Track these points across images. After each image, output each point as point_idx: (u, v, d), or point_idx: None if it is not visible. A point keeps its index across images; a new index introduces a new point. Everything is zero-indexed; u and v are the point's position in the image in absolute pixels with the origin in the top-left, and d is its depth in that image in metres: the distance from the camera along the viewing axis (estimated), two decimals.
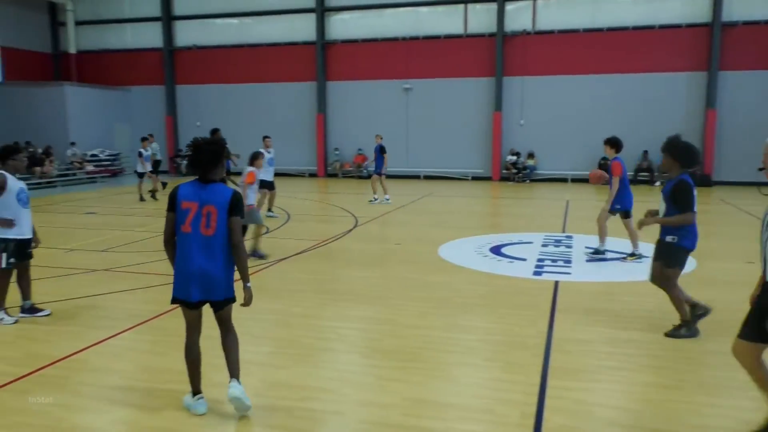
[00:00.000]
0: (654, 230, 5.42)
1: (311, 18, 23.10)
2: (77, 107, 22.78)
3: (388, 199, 14.51)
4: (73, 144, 21.76)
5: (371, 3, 22.60)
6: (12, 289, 5.68)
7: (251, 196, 8.06)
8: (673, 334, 5.19)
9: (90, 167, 22.06)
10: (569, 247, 9.16)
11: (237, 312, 3.82)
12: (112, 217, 12.84)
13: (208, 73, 24.52)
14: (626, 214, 8.09)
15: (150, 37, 25.02)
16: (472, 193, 18.17)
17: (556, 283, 6.98)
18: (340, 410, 3.86)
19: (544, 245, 9.25)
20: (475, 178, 22.01)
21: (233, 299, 3.73)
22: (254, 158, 8.36)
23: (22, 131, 21.37)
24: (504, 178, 21.58)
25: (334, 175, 23.40)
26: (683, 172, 5.20)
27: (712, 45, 19.39)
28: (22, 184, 5.61)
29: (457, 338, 5.22)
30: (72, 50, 25.43)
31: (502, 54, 21.26)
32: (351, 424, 3.72)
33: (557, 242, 9.52)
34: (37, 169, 17.98)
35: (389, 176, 22.77)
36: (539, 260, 8.16)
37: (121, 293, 6.65)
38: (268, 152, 11.82)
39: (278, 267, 7.89)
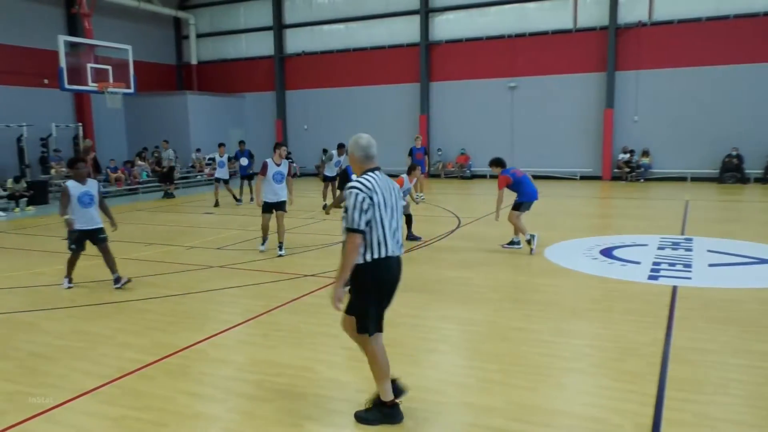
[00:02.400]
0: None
1: (415, 20, 23.24)
2: (197, 114, 24.39)
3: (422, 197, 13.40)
4: (198, 150, 23.29)
5: (475, 2, 22.36)
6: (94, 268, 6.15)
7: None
8: None
9: (208, 170, 23.54)
10: (689, 250, 8.54)
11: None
12: (227, 217, 13.61)
13: (316, 78, 25.37)
14: (527, 207, 8.83)
15: (263, 45, 26.31)
16: (581, 193, 17.45)
17: (675, 288, 6.54)
18: (442, 411, 3.85)
19: (660, 248, 8.69)
20: (584, 178, 21.13)
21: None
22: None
23: (151, 136, 23.26)
24: (616, 178, 20.54)
25: (437, 176, 23.38)
26: None
27: None
28: (85, 188, 6.92)
29: (565, 343, 5.04)
30: (193, 61, 27.28)
31: (614, 48, 20.25)
32: (453, 426, 3.70)
33: (675, 245, 8.91)
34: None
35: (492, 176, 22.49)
36: (655, 264, 7.68)
37: (234, 289, 7.03)
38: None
39: None
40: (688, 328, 5.28)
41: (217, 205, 15.40)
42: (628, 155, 20.30)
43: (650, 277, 7.02)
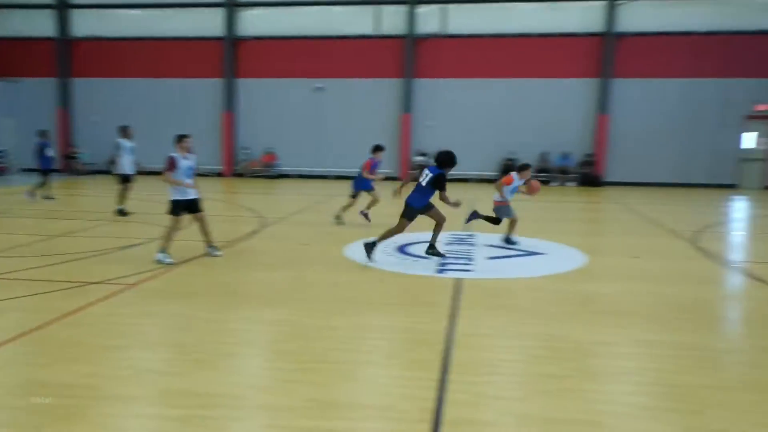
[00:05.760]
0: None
1: (220, 12, 22.50)
2: None
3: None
4: None
5: (283, 0, 22.33)
6: None
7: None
8: None
9: None
10: (472, 245, 9.46)
11: (133, 318, 3.64)
12: None
13: (108, 66, 23.30)
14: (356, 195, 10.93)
15: (44, 25, 23.40)
16: (382, 193, 18.30)
17: (459, 280, 7.19)
18: (241, 416, 3.78)
19: (448, 243, 9.50)
20: (387, 179, 22.23)
21: None
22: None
23: None
24: (414, 179, 21.94)
25: (241, 175, 22.90)
26: None
27: (606, 53, 20.69)
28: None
29: (362, 337, 5.26)
30: None
31: (412, 56, 21.64)
32: (253, 429, 3.65)
33: (460, 240, 9.81)
34: None
35: (302, 176, 22.67)
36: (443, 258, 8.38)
37: (2, 302, 6.16)
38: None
39: (183, 269, 7.61)
40: (469, 316, 5.83)
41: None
42: (422, 157, 21.82)
43: (438, 271, 7.63)
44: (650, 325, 5.72)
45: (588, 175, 20.91)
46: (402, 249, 9.03)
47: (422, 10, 21.68)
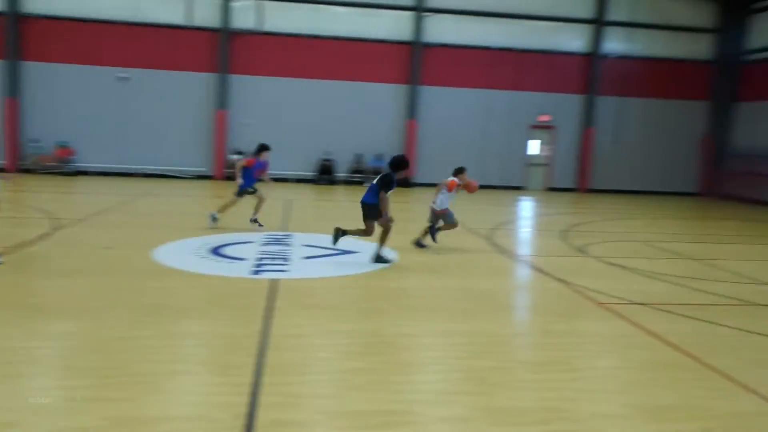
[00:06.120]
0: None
1: None
2: None
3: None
4: None
5: None
6: None
7: None
8: None
9: None
10: (288, 245, 9.47)
11: None
12: None
13: None
14: (248, 192, 10.64)
15: None
16: (193, 193, 17.57)
17: (275, 281, 7.15)
18: None
19: (264, 244, 9.40)
20: (198, 177, 21.32)
21: None
22: None
23: None
24: (228, 177, 21.29)
25: (30, 171, 20.34)
26: None
27: (414, 61, 21.98)
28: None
29: (171, 346, 4.99)
30: None
31: (227, 50, 20.96)
32: None
33: (277, 241, 9.76)
34: None
35: (104, 173, 20.77)
36: (259, 259, 8.27)
37: None
38: None
39: None
40: (285, 316, 5.83)
41: None
42: (238, 156, 21.29)
43: (254, 272, 7.52)
44: (451, 316, 6.22)
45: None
46: (216, 251, 8.73)
47: (238, 4, 21.12)
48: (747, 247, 12.12)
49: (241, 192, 10.74)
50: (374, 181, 8.37)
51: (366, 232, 8.38)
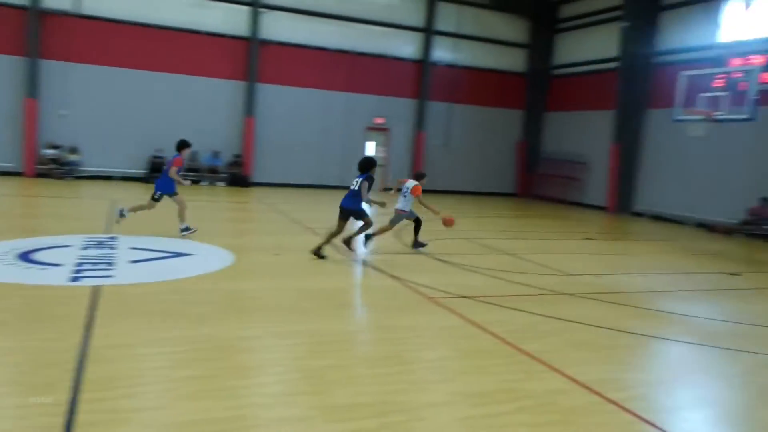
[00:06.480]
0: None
1: None
2: None
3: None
4: None
5: None
6: None
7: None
8: None
9: None
10: (113, 248, 8.77)
11: None
12: None
13: None
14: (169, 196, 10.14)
15: None
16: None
17: (97, 288, 6.59)
18: None
19: (84, 248, 8.60)
20: (4, 174, 18.91)
21: None
22: None
23: None
24: (41, 174, 19.17)
25: None
26: None
27: (251, 58, 21.50)
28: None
29: None
30: None
31: (37, 32, 18.81)
32: None
33: (100, 244, 8.99)
34: None
35: None
36: (78, 265, 7.55)
37: None
38: None
39: None
40: (108, 326, 5.40)
41: None
42: (54, 151, 19.28)
43: (72, 279, 6.86)
44: (290, 317, 6.21)
45: (237, 176, 21.43)
46: (25, 256, 7.82)
47: None
48: (553, 242, 13.61)
49: (160, 196, 10.15)
50: (353, 187, 9.08)
51: (366, 226, 9.37)
